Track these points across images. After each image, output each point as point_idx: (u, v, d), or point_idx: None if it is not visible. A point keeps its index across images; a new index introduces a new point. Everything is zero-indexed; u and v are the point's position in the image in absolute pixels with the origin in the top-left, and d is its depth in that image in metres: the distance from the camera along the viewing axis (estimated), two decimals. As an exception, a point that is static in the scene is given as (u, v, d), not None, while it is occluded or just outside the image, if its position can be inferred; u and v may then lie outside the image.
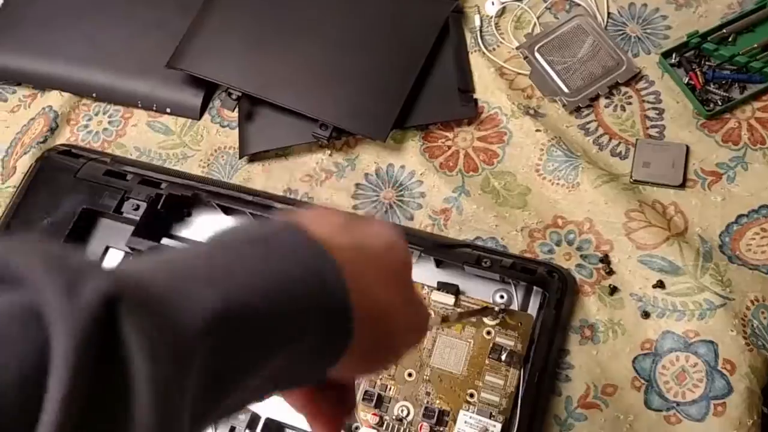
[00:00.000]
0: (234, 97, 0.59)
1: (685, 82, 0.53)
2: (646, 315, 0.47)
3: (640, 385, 0.45)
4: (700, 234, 0.49)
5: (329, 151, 0.59)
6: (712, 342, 0.45)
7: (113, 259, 0.54)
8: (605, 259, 0.49)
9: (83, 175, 0.57)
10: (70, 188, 0.56)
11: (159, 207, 0.55)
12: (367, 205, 0.56)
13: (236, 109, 0.61)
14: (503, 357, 0.45)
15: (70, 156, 0.59)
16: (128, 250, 0.53)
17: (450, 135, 0.57)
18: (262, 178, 0.59)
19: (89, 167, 0.57)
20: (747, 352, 0.44)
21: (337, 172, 0.58)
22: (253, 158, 0.60)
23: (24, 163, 0.63)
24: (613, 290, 0.48)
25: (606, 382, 0.46)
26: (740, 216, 0.49)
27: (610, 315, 0.48)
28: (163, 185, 0.55)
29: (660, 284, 0.48)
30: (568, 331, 0.48)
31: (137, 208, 0.54)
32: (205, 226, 0.56)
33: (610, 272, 0.49)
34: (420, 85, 0.57)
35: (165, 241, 0.54)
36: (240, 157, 0.60)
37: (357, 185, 0.57)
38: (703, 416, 0.44)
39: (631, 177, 0.52)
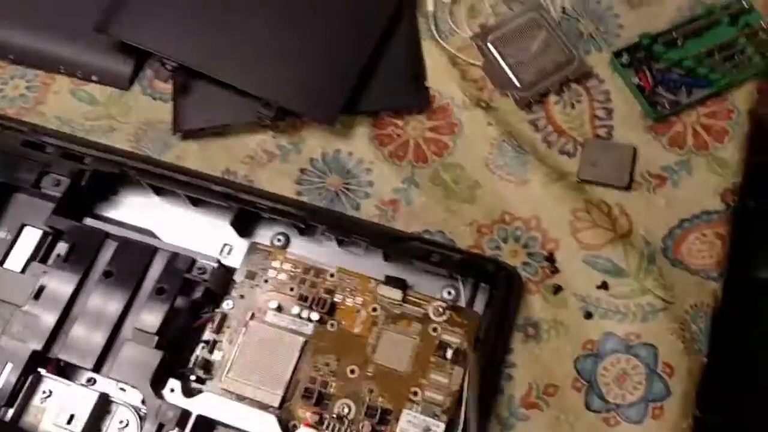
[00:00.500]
0: (169, 67, 0.54)
1: (635, 83, 0.54)
2: (588, 315, 0.47)
3: (581, 386, 0.46)
4: (644, 236, 0.49)
5: (272, 133, 0.55)
6: (652, 345, 0.46)
7: (30, 237, 0.49)
8: (550, 258, 0.49)
9: (-4, 144, 0.51)
10: (-20, 158, 0.51)
11: (82, 183, 0.50)
12: (311, 192, 0.53)
13: (170, 82, 0.57)
14: (449, 355, 0.44)
15: (-20, 122, 0.53)
16: (47, 229, 0.49)
17: (401, 123, 0.55)
18: (198, 157, 0.55)
19: (4, 136, 0.51)
20: (685, 356, 0.45)
21: (281, 155, 0.55)
22: (188, 135, 0.56)
23: (-75, 127, 0.56)
24: (557, 289, 0.48)
25: (548, 381, 0.46)
26: (683, 220, 0.50)
27: (554, 314, 0.48)
28: (88, 160, 0.50)
29: (604, 285, 0.48)
30: (512, 330, 0.47)
31: (58, 183, 0.49)
32: (133, 206, 0.52)
33: (555, 271, 0.49)
34: (370, 70, 0.55)
35: (88, 221, 0.50)
36: (173, 133, 0.55)
37: (301, 170, 0.54)
38: (641, 418, 0.44)
39: (578, 176, 0.52)
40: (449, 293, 0.47)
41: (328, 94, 0.54)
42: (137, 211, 0.51)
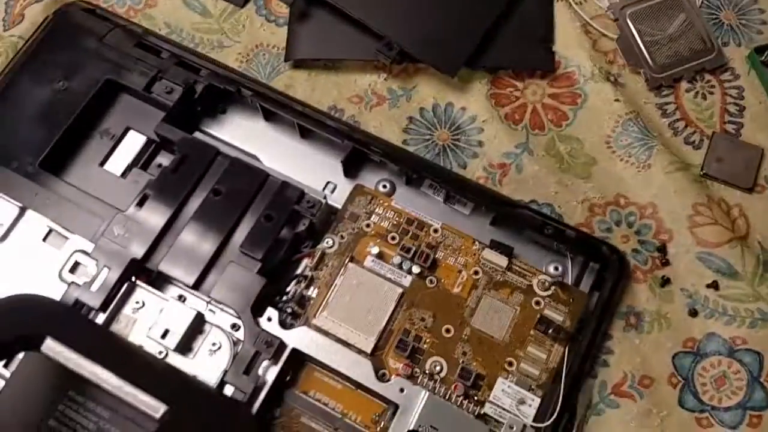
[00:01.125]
0: (296, -11, 0.52)
1: (774, 83, 0.51)
2: (694, 313, 0.46)
3: (677, 383, 0.44)
4: (761, 242, 0.47)
5: (385, 75, 0.53)
6: (758, 352, 0.44)
7: (133, 142, 0.48)
8: (662, 249, 0.47)
9: (110, 41, 0.49)
10: (93, 53, 0.49)
11: (195, 96, 0.48)
12: (418, 142, 0.51)
13: (289, 6, 0.55)
14: (550, 330, 0.43)
15: (93, 16, 0.52)
16: (153, 136, 0.47)
17: (520, 85, 0.53)
18: (306, 88, 0.53)
19: (117, 34, 0.50)
20: (794, 370, 0.43)
21: (391, 99, 0.53)
22: (299, 64, 0.54)
23: (34, 13, 0.55)
24: (665, 282, 0.47)
25: (644, 373, 0.45)
26: (806, 232, 0.47)
27: (658, 307, 0.46)
28: (204, 72, 0.49)
29: (714, 285, 0.46)
30: (614, 316, 0.46)
31: (170, 91, 0.48)
32: (239, 127, 0.50)
33: (666, 263, 0.47)
34: (498, 26, 0.53)
35: (197, 135, 0.48)
36: (285, 60, 0.54)
37: (410, 119, 0.52)
38: (736, 425, 0.43)
39: (702, 170, 0.49)
40: (556, 268, 0.46)
41: (453, 45, 0.52)
42: (243, 133, 0.50)
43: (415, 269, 0.45)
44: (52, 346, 0.36)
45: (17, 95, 0.48)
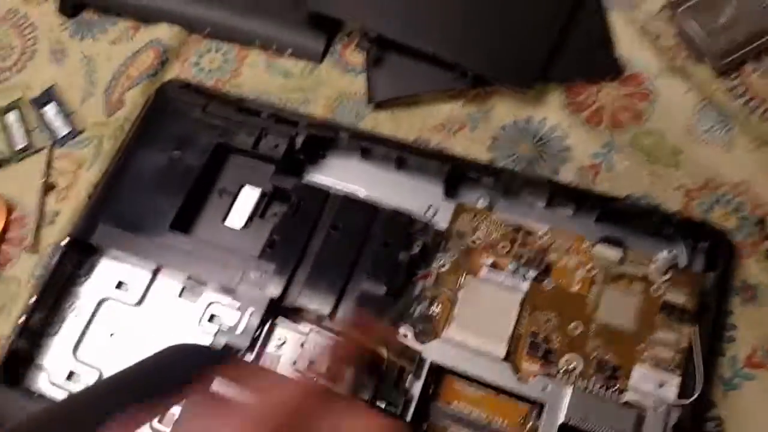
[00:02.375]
0: (372, 36, 0.56)
1: (841, 50, 0.53)
2: (809, 279, 0.47)
3: (808, 348, 0.45)
4: None
5: (462, 102, 0.57)
6: None
7: (249, 196, 0.52)
8: (762, 222, 0.49)
9: (213, 110, 0.54)
10: (200, 122, 0.54)
11: (297, 147, 0.52)
12: (504, 159, 0.54)
13: (362, 54, 0.59)
14: (674, 314, 0.44)
15: (190, 91, 0.57)
16: (267, 189, 0.51)
17: (594, 90, 0.55)
18: (391, 126, 0.57)
19: (218, 103, 0.54)
20: None
21: (471, 123, 0.56)
22: (380, 106, 0.58)
23: (133, 96, 0.60)
24: (772, 254, 0.48)
25: (773, 343, 0.45)
26: None
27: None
28: (302, 124, 0.53)
29: (823, 249, 0.47)
30: (731, 292, 0.47)
31: (276, 146, 0.52)
32: (339, 169, 0.54)
33: (767, 236, 0.48)
34: (560, 39, 0.56)
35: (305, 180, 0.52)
36: (368, 103, 0.57)
37: (493, 138, 0.55)
38: None
39: (786, 142, 0.51)
40: (669, 254, 0.47)
41: (524, 61, 0.55)
42: (345, 173, 0.53)
43: (531, 273, 0.47)
44: (221, 385, 0.38)
45: (137, 168, 0.53)
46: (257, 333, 0.45)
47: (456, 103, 0.57)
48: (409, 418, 0.42)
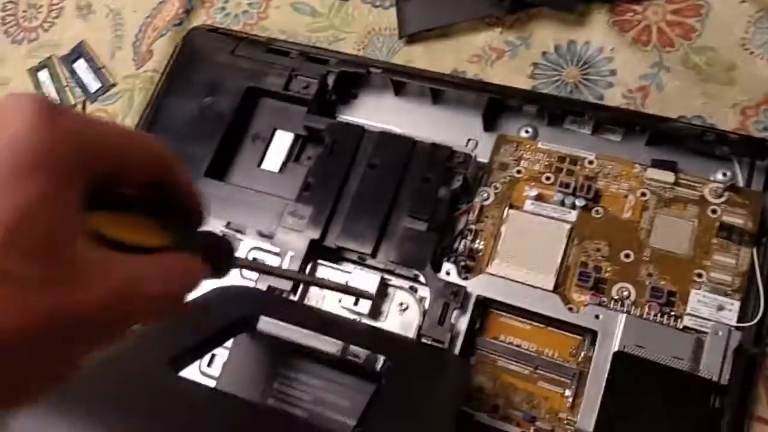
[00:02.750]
0: (400, -33, 0.54)
1: None
2: None
3: None
4: None
5: (499, 29, 0.54)
6: None
7: (283, 140, 0.51)
8: (827, 137, 0.45)
9: (241, 53, 0.53)
10: (229, 67, 0.52)
11: (328, 85, 0.51)
12: (547, 86, 0.51)
13: (391, -13, 0.56)
14: (733, 236, 0.42)
15: (218, 35, 0.55)
16: (300, 132, 0.50)
17: (639, 8, 0.52)
18: (425, 60, 0.55)
19: (246, 45, 0.53)
20: None
21: (510, 51, 0.53)
22: (413, 39, 0.55)
23: (161, 46, 0.59)
24: (841, 169, 0.44)
25: (841, 262, 0.43)
26: None
27: (839, 195, 0.44)
28: (333, 61, 0.51)
29: None
30: (793, 211, 0.44)
31: (307, 86, 0.50)
32: (373, 107, 0.52)
33: (836, 150, 0.45)
34: (605, -46, 0.52)
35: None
36: (400, 38, 0.55)
37: (534, 65, 0.52)
38: None
39: None
40: (724, 174, 0.44)
41: (564, -18, 0.52)
42: (378, 111, 0.52)
43: (579, 203, 0.45)
44: (267, 324, 0.38)
45: (169, 118, 0.52)
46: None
47: (493, 31, 0.54)
48: (456, 351, 0.41)
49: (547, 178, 0.46)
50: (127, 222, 0.20)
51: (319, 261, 0.46)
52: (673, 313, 0.41)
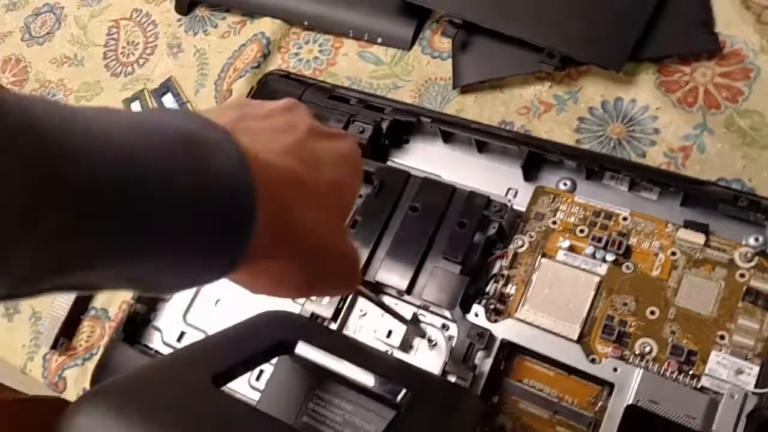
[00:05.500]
0: (457, 22, 0.58)
1: None
2: None
3: None
4: None
5: (549, 83, 0.57)
6: None
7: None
8: None
9: (307, 98, 0.58)
10: (295, 109, 0.57)
11: (383, 131, 0.55)
12: (591, 140, 0.54)
13: (449, 40, 0.60)
14: (759, 301, 0.43)
15: (290, 80, 0.61)
16: (353, 171, 0.54)
17: (687, 69, 0.53)
18: (475, 110, 0.58)
19: (313, 91, 0.58)
20: None
21: (558, 105, 0.56)
22: (466, 90, 0.59)
23: (240, 86, 0.65)
24: None
25: None
26: None
27: None
28: (388, 110, 0.55)
29: None
30: (829, 281, 0.44)
31: (363, 131, 0.55)
32: (422, 153, 0.56)
33: None
34: (656, 14, 0.54)
35: (388, 164, 0.55)
36: (454, 88, 0.59)
37: (580, 119, 0.55)
38: None
39: None
40: (756, 239, 0.45)
41: (614, 41, 0.54)
42: (426, 157, 0.55)
43: (609, 257, 0.47)
44: (304, 348, 0.42)
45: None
46: (340, 304, 0.49)
47: (542, 85, 0.57)
48: (479, 392, 0.44)
49: (581, 231, 0.49)
50: None
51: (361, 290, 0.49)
52: (691, 372, 0.42)
